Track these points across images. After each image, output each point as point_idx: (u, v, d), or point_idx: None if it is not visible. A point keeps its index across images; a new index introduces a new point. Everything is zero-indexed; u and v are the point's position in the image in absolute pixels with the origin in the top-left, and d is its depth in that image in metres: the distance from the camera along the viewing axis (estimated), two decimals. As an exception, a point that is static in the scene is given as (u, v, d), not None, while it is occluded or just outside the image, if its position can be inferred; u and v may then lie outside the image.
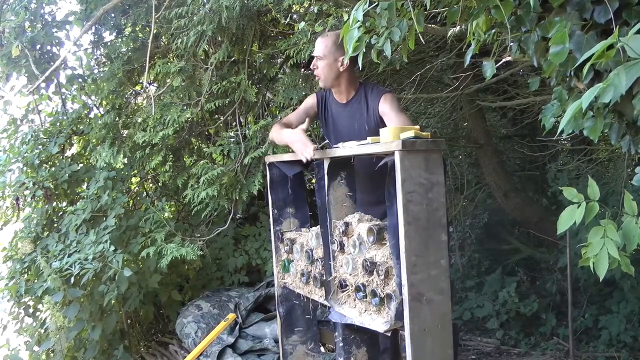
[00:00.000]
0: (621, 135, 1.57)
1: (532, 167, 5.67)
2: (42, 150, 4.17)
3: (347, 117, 2.63)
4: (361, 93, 2.62)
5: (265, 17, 4.13)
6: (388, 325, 1.84)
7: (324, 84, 2.63)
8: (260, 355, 3.53)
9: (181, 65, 3.80)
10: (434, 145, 1.77)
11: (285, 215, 2.72)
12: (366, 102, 2.60)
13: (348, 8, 3.09)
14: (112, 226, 3.66)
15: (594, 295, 4.48)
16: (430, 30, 3.20)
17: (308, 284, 2.45)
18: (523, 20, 1.68)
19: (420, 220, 1.74)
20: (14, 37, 3.97)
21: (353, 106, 2.63)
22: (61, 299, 3.57)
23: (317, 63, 2.58)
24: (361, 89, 2.63)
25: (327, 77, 2.59)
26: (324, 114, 2.74)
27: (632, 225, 1.53)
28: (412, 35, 1.82)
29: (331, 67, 2.55)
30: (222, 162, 4.21)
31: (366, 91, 2.62)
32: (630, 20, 1.45)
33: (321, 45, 2.55)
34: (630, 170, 3.85)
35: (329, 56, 2.54)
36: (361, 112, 2.60)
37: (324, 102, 2.75)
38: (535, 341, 4.42)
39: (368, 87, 2.65)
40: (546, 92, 3.52)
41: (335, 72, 2.55)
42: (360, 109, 2.60)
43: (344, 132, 2.62)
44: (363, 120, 2.58)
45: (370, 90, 2.62)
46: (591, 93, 1.24)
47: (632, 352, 3.95)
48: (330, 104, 2.72)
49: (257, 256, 4.43)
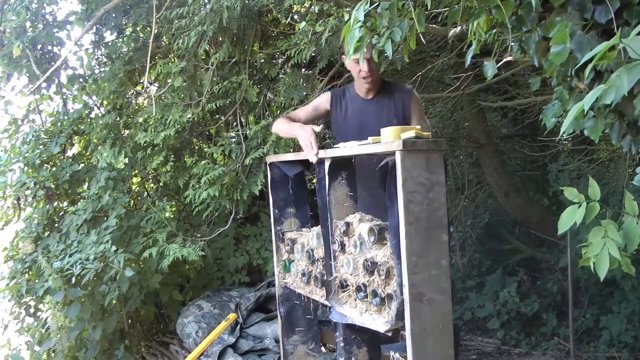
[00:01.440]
0: (622, 135, 1.57)
1: (532, 167, 5.66)
2: (43, 150, 4.17)
3: (374, 112, 2.64)
4: (386, 88, 2.68)
5: (266, 17, 4.14)
6: (389, 325, 1.84)
7: (374, 84, 2.62)
8: (261, 355, 3.53)
9: (182, 66, 3.80)
10: (435, 145, 1.77)
11: (286, 215, 2.72)
12: (393, 96, 2.65)
13: (349, 8, 3.09)
14: (113, 226, 3.66)
15: (594, 296, 4.48)
16: (431, 30, 3.20)
17: (309, 284, 2.45)
18: (524, 20, 1.68)
19: (421, 220, 1.74)
20: (15, 37, 3.97)
21: (380, 101, 2.66)
22: (62, 298, 3.57)
23: (370, 65, 2.53)
24: (383, 85, 2.69)
25: (377, 78, 2.63)
26: (339, 112, 2.72)
27: (633, 225, 1.53)
28: (413, 35, 1.82)
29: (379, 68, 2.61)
30: (223, 162, 4.21)
31: (390, 86, 2.70)
32: (631, 20, 1.45)
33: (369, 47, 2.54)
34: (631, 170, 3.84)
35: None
36: (389, 107, 2.64)
37: (339, 100, 2.73)
38: (536, 341, 4.42)
39: (388, 81, 2.73)
40: (547, 92, 3.52)
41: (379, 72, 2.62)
42: (389, 104, 2.64)
43: (371, 127, 2.57)
44: (392, 114, 2.62)
45: (392, 84, 2.73)
46: (593, 95, 1.24)
47: (632, 352, 3.95)
48: (348, 101, 2.71)
49: (258, 256, 4.43)
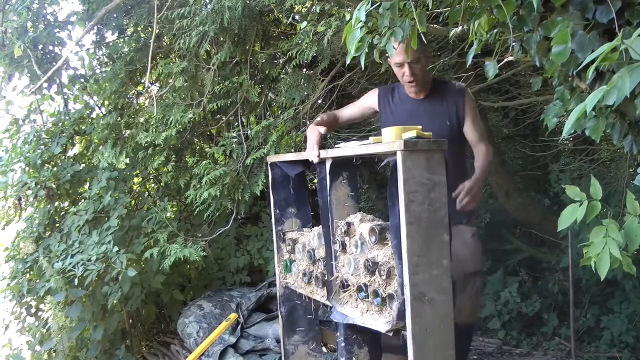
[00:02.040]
0: (623, 135, 1.57)
1: (534, 167, 5.65)
2: (45, 150, 4.17)
3: (426, 113, 2.56)
4: (438, 88, 2.60)
5: (267, 17, 4.14)
6: (390, 326, 1.84)
7: (421, 87, 2.54)
8: (262, 355, 3.53)
9: (183, 66, 3.80)
10: (436, 145, 1.77)
11: (287, 215, 2.72)
12: (445, 97, 2.57)
13: (350, 8, 3.09)
14: (115, 227, 3.67)
15: (595, 296, 4.47)
16: (432, 30, 3.20)
17: (310, 284, 2.45)
18: (525, 20, 1.68)
19: (422, 220, 1.74)
20: (17, 38, 3.97)
21: (432, 102, 2.58)
22: (63, 298, 3.57)
23: (413, 69, 2.46)
24: (435, 84, 2.61)
25: (424, 80, 2.53)
26: (388, 112, 2.65)
27: (634, 225, 1.53)
28: (415, 35, 1.82)
29: (426, 68, 2.51)
30: (224, 162, 4.21)
31: (442, 85, 2.62)
32: (632, 20, 1.45)
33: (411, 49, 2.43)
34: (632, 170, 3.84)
35: (423, 58, 2.48)
36: (442, 108, 2.56)
37: (387, 99, 2.66)
38: (537, 341, 4.41)
39: (440, 81, 2.66)
40: (548, 92, 3.52)
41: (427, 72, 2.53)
42: (442, 105, 2.56)
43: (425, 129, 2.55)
44: (445, 116, 2.55)
45: (446, 84, 2.64)
46: (595, 96, 1.24)
47: (634, 352, 3.94)
48: (398, 100, 2.64)
49: (259, 256, 4.43)
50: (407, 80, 2.50)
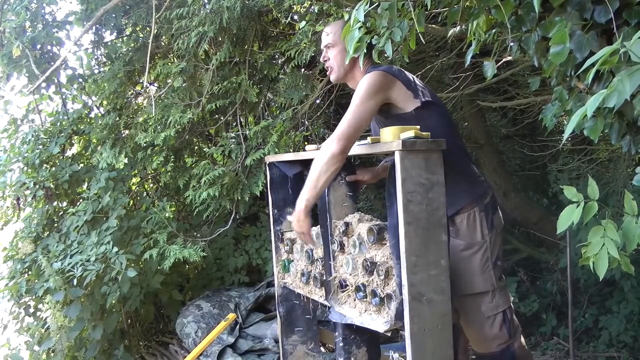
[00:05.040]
0: (621, 135, 1.58)
1: (532, 167, 5.66)
2: (43, 150, 4.17)
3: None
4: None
5: (266, 18, 4.14)
6: (388, 325, 1.84)
7: (336, 75, 2.29)
8: (261, 355, 3.53)
9: (182, 66, 3.80)
10: (434, 145, 1.77)
11: (285, 215, 2.72)
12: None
13: (349, 8, 3.09)
14: (114, 227, 3.66)
15: (594, 295, 4.47)
16: (430, 31, 3.20)
17: (308, 284, 2.45)
18: (523, 20, 1.68)
19: (420, 220, 1.74)
20: (15, 37, 3.97)
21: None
22: (62, 298, 3.57)
23: (327, 54, 2.28)
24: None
25: (339, 67, 2.27)
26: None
27: (632, 225, 1.53)
28: (413, 35, 1.82)
29: (343, 53, 2.19)
30: (223, 162, 4.21)
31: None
32: (630, 20, 1.45)
33: (329, 32, 2.26)
34: (631, 170, 3.85)
35: (340, 44, 2.22)
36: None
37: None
38: (535, 341, 4.42)
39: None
40: (546, 92, 3.52)
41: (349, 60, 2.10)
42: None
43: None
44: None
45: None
46: (595, 100, 1.24)
47: (632, 352, 3.95)
48: None
49: (257, 256, 4.43)
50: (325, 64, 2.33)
